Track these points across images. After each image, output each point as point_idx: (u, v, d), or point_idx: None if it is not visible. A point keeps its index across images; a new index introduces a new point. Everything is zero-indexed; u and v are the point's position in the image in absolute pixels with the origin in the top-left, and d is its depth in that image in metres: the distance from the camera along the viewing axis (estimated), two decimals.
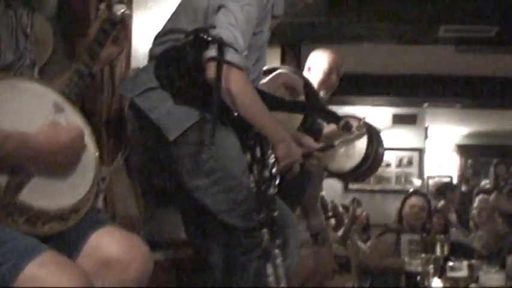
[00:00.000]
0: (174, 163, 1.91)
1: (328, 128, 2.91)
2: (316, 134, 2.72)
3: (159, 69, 1.85)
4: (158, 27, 2.06)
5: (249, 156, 1.63)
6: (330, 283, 3.40)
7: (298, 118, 2.63)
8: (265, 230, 1.54)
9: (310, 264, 3.10)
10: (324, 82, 3.13)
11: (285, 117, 2.41)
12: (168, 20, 2.04)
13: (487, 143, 10.65)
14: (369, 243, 4.96)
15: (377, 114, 7.98)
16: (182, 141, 1.85)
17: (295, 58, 5.21)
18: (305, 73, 3.19)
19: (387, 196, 7.84)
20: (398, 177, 8.36)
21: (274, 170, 1.61)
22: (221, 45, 1.69)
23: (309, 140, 2.24)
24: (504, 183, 6.55)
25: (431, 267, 2.77)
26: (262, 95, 1.93)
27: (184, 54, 1.81)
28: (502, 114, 8.38)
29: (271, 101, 1.96)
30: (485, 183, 9.35)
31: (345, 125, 2.18)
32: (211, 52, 1.74)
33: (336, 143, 2.69)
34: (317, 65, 3.17)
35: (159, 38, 2.00)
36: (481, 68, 6.81)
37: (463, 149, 10.79)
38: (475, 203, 5.46)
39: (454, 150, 10.76)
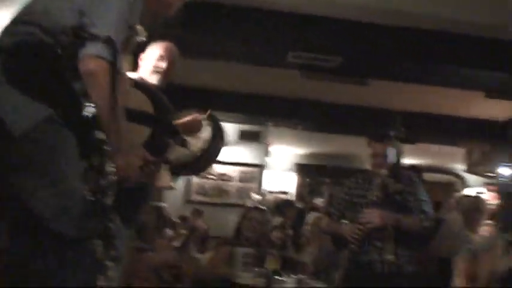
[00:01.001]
0: (11, 161, 1.79)
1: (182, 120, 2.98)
2: (160, 148, 2.74)
3: (8, 63, 1.77)
4: None
5: (86, 163, 1.58)
6: None
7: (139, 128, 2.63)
8: (98, 241, 1.50)
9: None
10: (155, 68, 3.20)
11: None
12: (21, 11, 1.94)
13: (324, 164, 11.25)
14: (206, 255, 5.03)
15: (226, 129, 8.15)
16: (26, 139, 1.74)
17: None
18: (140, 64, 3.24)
19: (227, 209, 8.00)
20: (239, 192, 8.56)
21: (111, 179, 1.57)
22: (98, 41, 1.68)
23: (145, 153, 2.23)
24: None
25: (261, 281, 2.88)
26: None
27: (39, 50, 1.74)
28: (340, 138, 8.90)
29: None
30: (319, 201, 9.88)
31: (182, 143, 2.21)
32: (89, 49, 1.72)
33: (173, 157, 2.73)
34: (149, 53, 3.24)
35: (9, 28, 1.90)
36: (323, 94, 7.26)
37: (301, 168, 11.28)
38: (308, 220, 5.72)
39: (294, 168, 11.24)
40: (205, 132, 3.07)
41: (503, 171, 8.83)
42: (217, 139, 3.12)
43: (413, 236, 3.81)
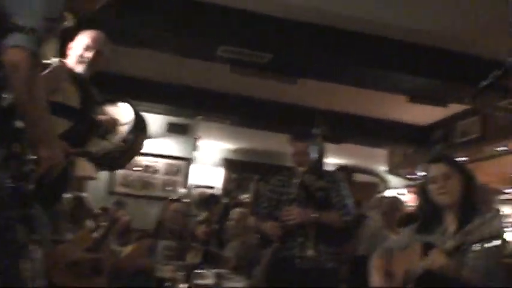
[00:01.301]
0: None
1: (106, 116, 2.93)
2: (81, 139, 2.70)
3: None
4: None
5: (5, 150, 1.55)
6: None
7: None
8: (20, 226, 1.47)
9: None
10: (81, 57, 3.16)
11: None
12: None
13: (251, 160, 11.31)
14: (127, 247, 4.95)
15: (152, 120, 8.05)
16: None
17: None
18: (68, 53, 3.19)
19: (152, 202, 7.91)
20: (164, 185, 8.48)
21: (33, 168, 1.55)
22: (22, 32, 1.66)
23: (64, 144, 2.19)
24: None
25: (181, 274, 2.86)
26: None
27: None
28: (267, 135, 8.96)
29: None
30: (245, 197, 9.92)
31: (103, 134, 2.17)
32: (12, 40, 1.70)
33: (94, 149, 2.69)
34: (76, 43, 3.21)
35: None
36: (253, 90, 7.29)
37: (229, 163, 11.30)
38: (232, 216, 5.74)
39: (221, 163, 11.25)
40: (126, 125, 3.03)
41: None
42: (139, 131, 3.10)
43: (335, 232, 3.90)
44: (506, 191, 8.60)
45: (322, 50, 5.05)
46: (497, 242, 2.40)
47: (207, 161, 10.92)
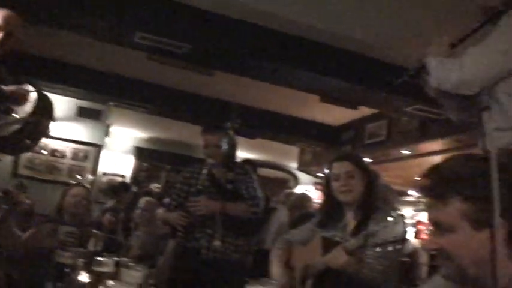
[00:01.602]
0: None
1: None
2: None
3: None
4: None
5: None
6: None
7: None
8: None
9: None
10: None
11: None
12: None
13: (164, 150, 11.21)
14: (28, 231, 4.77)
15: (63, 104, 7.81)
16: None
17: None
18: None
19: (57, 187, 7.66)
20: (71, 170, 8.24)
21: None
22: None
23: None
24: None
25: (81, 260, 2.81)
26: None
27: None
28: (181, 125, 8.88)
29: None
30: (155, 186, 9.83)
31: (6, 110, 2.10)
32: None
33: None
34: None
35: None
36: (169, 79, 7.22)
37: (140, 152, 11.13)
38: (140, 204, 5.68)
39: (132, 151, 11.08)
40: (30, 105, 2.94)
41: None
42: (42, 112, 3.01)
43: (243, 224, 3.95)
44: (409, 192, 9.01)
45: (240, 45, 5.07)
46: (399, 246, 2.52)
47: (119, 148, 10.72)
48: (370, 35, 4.87)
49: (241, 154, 6.20)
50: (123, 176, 10.37)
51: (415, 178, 6.56)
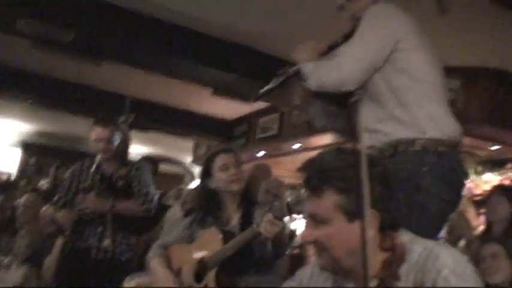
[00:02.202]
0: None
1: None
2: None
3: None
4: None
5: None
6: None
7: None
8: None
9: None
10: None
11: None
12: None
13: (53, 144, 10.78)
14: None
15: None
16: None
17: None
18: None
19: None
20: None
21: None
22: None
23: None
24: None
25: None
26: None
27: None
28: (72, 118, 8.56)
29: None
30: (44, 183, 9.42)
31: None
32: None
33: None
34: None
35: None
36: (57, 70, 6.91)
37: (27, 147, 10.68)
38: (21, 201, 5.42)
39: (18, 146, 10.55)
40: None
41: None
42: None
43: (135, 222, 3.84)
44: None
45: (129, 35, 4.96)
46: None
47: (4, 142, 10.17)
48: (266, 29, 4.93)
49: (134, 148, 6.06)
50: (9, 173, 9.88)
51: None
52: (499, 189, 3.93)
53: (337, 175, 1.44)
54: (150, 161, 7.14)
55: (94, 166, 3.83)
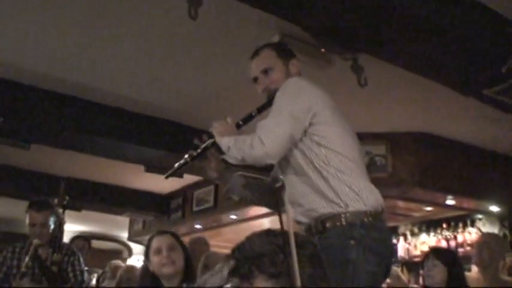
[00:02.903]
0: None
1: None
2: None
3: None
4: None
5: None
6: None
7: None
8: None
9: None
10: None
11: None
12: None
13: None
14: None
15: None
16: None
17: None
18: None
19: None
20: None
21: None
22: None
23: None
24: None
25: None
26: None
27: None
28: (4, 200, 8.35)
29: None
30: None
31: None
32: None
33: None
34: None
35: None
36: None
37: None
38: None
39: None
40: None
41: None
42: None
43: None
44: None
45: (55, 117, 4.90)
46: None
47: None
48: (184, 104, 5.07)
49: (69, 227, 5.99)
50: None
51: None
52: (434, 252, 3.85)
53: (268, 260, 1.40)
54: (82, 239, 7.03)
55: (31, 251, 3.78)
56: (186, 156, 2.53)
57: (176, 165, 2.56)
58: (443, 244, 6.68)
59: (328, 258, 2.02)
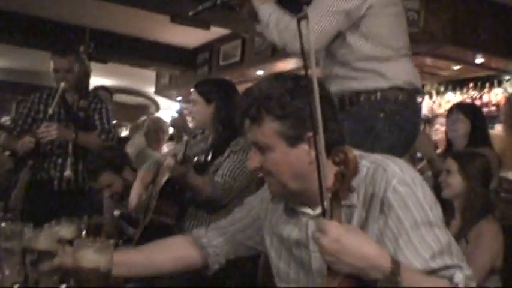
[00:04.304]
0: None
1: None
2: None
3: None
4: None
5: None
6: None
7: None
8: None
9: None
10: None
11: None
12: None
13: (13, 80, 10.51)
14: None
15: None
16: None
17: None
18: None
19: None
20: None
21: None
22: None
23: None
24: None
25: None
26: None
27: None
28: (27, 52, 8.35)
29: None
30: (5, 120, 9.25)
31: None
32: None
33: None
34: None
35: None
36: (12, 2, 6.66)
37: None
38: None
39: None
40: None
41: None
42: None
43: (93, 152, 3.80)
44: None
45: None
46: None
47: None
48: None
49: (95, 80, 5.97)
50: None
51: None
52: (457, 106, 3.94)
53: (275, 102, 1.44)
54: (104, 90, 7.03)
55: (58, 94, 3.74)
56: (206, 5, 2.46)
57: (200, 7, 2.49)
58: None
59: (354, 124, 2.21)
